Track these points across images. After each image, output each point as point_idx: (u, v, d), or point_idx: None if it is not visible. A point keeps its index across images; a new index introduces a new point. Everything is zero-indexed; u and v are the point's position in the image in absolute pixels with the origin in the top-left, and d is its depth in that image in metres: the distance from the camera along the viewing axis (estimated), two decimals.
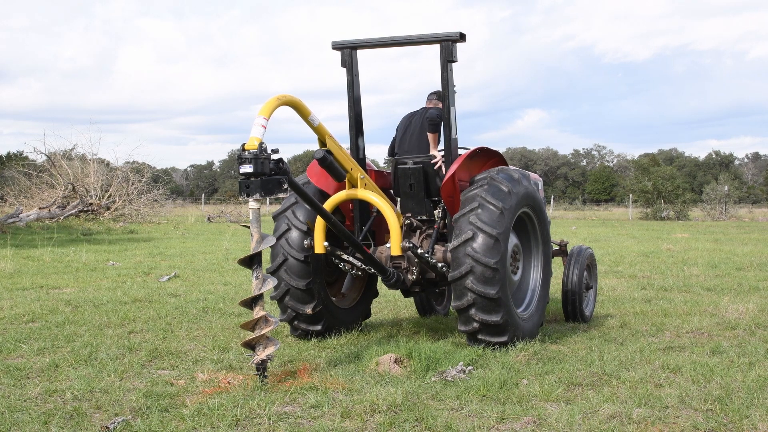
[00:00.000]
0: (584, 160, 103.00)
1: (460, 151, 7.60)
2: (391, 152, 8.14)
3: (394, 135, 8.17)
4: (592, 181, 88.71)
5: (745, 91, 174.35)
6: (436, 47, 7.34)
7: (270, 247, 6.45)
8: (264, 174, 5.85)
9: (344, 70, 7.55)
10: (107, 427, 4.77)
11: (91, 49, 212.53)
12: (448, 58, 7.28)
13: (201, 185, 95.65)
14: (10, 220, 25.11)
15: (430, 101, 8.19)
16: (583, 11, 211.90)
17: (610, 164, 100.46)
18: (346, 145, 7.41)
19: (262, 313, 5.91)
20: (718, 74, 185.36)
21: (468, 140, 8.46)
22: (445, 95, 7.33)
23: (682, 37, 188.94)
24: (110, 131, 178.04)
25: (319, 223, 7.10)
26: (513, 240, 7.40)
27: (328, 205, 7.15)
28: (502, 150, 8.46)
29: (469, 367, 6.17)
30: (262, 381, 5.75)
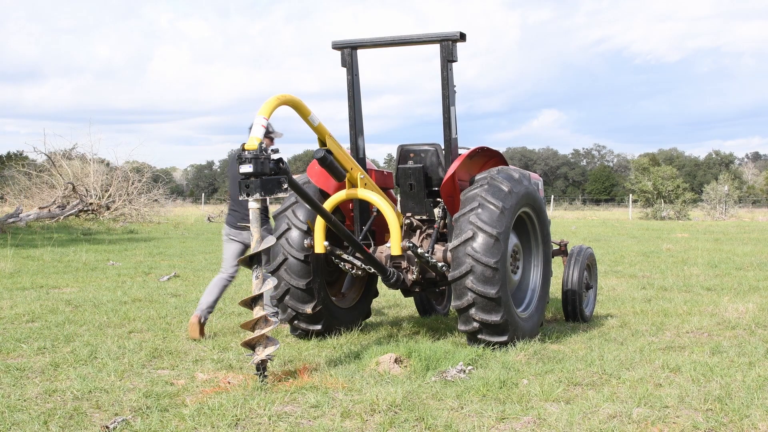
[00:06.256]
0: (584, 160, 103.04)
1: (460, 151, 7.60)
2: None
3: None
4: (592, 181, 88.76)
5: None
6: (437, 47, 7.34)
7: (270, 246, 6.45)
8: (264, 174, 5.85)
9: (353, 70, 7.54)
10: (107, 427, 4.77)
11: (127, 50, 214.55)
12: (448, 58, 7.28)
13: (201, 185, 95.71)
14: (10, 220, 25.09)
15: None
16: (624, 14, 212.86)
17: (610, 164, 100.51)
18: (346, 145, 7.41)
19: (262, 313, 5.91)
20: (740, 74, 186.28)
21: (476, 140, 8.47)
22: (445, 95, 7.33)
23: (717, 38, 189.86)
24: (129, 132, 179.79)
25: (319, 223, 7.10)
26: (513, 240, 7.40)
27: (328, 204, 7.15)
28: (502, 150, 8.46)
29: (469, 367, 6.16)
30: (262, 381, 5.75)
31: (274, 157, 5.93)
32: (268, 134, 8.23)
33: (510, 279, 7.30)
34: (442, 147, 7.58)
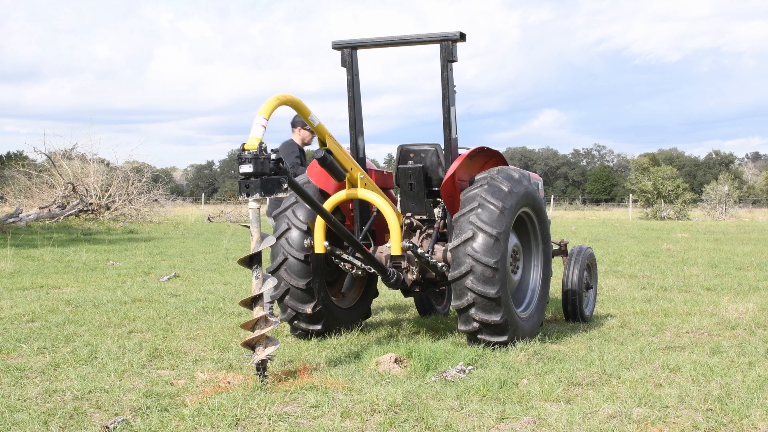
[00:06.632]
0: (584, 160, 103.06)
1: (460, 151, 7.60)
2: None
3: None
4: (592, 181, 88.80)
5: None
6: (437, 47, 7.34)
7: (270, 246, 6.45)
8: (264, 174, 5.85)
9: (353, 70, 7.54)
10: (107, 427, 4.77)
11: (127, 50, 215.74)
12: (448, 58, 7.28)
13: (201, 185, 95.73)
14: (10, 220, 25.08)
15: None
16: (624, 14, 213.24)
17: (610, 164, 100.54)
18: (346, 145, 7.41)
19: (262, 312, 5.91)
20: (740, 74, 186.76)
21: (476, 140, 8.48)
22: (445, 95, 7.33)
23: (717, 38, 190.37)
24: (129, 132, 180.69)
25: (319, 223, 7.10)
26: (513, 240, 7.40)
27: (328, 204, 7.15)
28: (502, 150, 8.46)
29: (469, 367, 6.17)
30: (262, 381, 5.75)
31: (274, 157, 5.94)
32: (306, 126, 8.35)
33: (510, 279, 7.29)
34: (442, 147, 7.59)
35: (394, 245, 7.14)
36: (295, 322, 7.55)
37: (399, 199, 7.98)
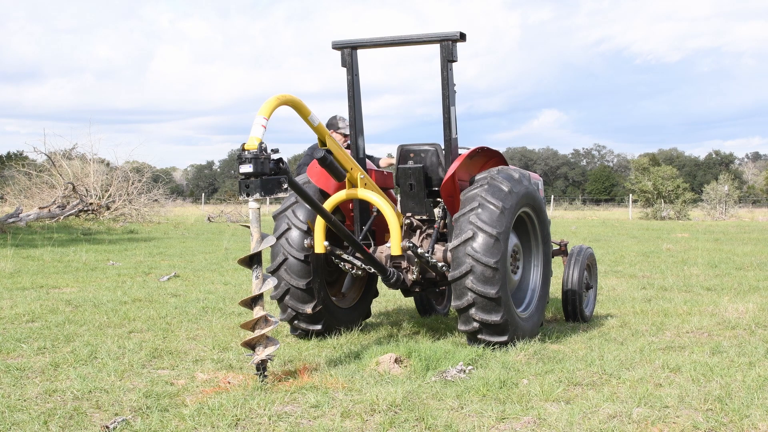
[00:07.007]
0: (584, 160, 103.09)
1: (460, 151, 7.60)
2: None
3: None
4: (592, 181, 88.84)
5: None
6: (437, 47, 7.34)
7: (270, 246, 6.45)
8: (264, 174, 5.85)
9: (353, 70, 7.54)
10: (107, 427, 4.77)
11: (127, 50, 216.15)
12: (448, 58, 7.28)
13: (201, 185, 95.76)
14: (10, 220, 25.08)
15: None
16: (624, 14, 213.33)
17: (610, 164, 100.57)
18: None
19: (262, 312, 5.91)
20: (740, 74, 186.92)
21: (476, 140, 8.49)
22: (445, 95, 7.33)
23: (717, 38, 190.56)
24: (129, 132, 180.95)
25: (319, 223, 7.10)
26: (513, 240, 7.40)
27: (328, 204, 7.16)
28: (502, 150, 8.47)
29: (469, 367, 6.17)
30: (262, 381, 5.75)
31: (274, 157, 5.94)
32: (339, 130, 8.36)
33: (510, 279, 7.29)
34: (442, 147, 7.59)
35: (394, 245, 7.15)
36: (295, 322, 7.55)
37: (399, 199, 7.98)
